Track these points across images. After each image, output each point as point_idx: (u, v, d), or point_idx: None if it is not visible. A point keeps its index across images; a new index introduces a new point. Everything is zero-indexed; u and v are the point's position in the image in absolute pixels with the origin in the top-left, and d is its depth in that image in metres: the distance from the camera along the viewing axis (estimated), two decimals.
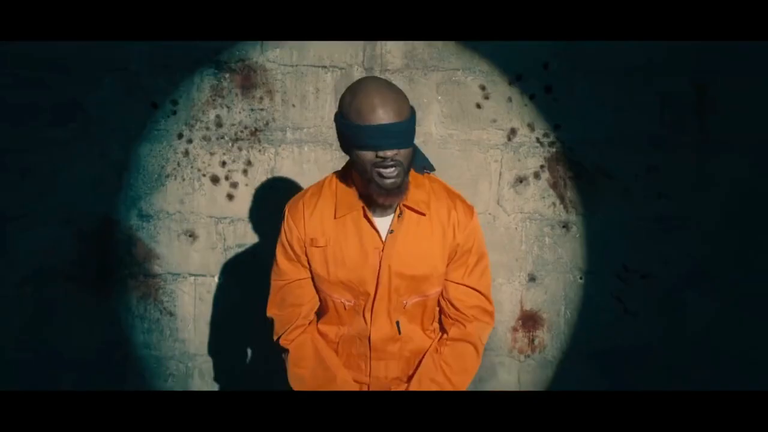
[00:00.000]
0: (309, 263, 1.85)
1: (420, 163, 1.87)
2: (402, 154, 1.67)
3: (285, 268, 1.88)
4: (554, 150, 2.84)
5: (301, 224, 1.82)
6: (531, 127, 2.85)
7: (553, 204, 2.89)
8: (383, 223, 1.82)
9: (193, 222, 2.88)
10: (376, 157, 1.65)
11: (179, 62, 2.77)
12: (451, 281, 1.90)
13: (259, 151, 2.85)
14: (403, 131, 1.65)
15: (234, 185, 2.87)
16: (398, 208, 1.80)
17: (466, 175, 2.85)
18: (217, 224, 2.88)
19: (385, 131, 1.62)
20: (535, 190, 2.87)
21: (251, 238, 2.91)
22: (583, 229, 2.87)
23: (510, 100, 2.82)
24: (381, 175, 1.67)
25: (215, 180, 2.86)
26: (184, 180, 2.86)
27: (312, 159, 2.84)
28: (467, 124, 2.83)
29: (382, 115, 1.62)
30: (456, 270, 1.89)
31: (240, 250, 2.90)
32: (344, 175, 1.85)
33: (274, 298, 1.91)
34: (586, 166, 2.83)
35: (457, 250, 1.86)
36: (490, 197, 2.87)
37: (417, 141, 2.36)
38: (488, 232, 2.82)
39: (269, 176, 2.87)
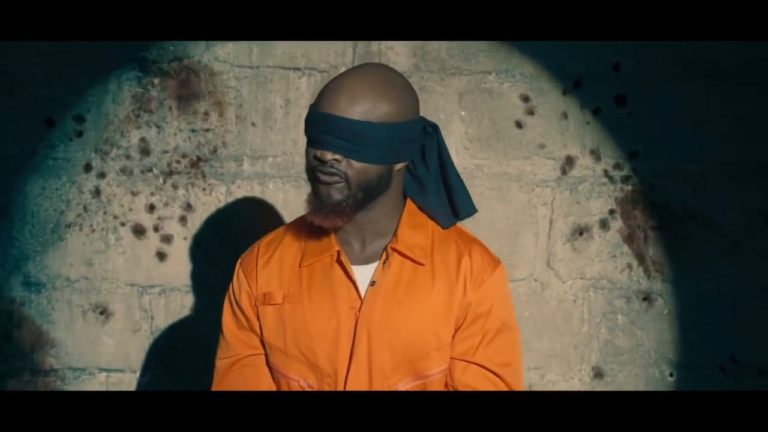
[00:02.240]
0: (261, 329, 1.76)
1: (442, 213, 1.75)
2: (351, 166, 1.57)
3: (233, 339, 1.74)
4: (629, 187, 2.63)
5: (253, 276, 1.73)
6: (595, 154, 2.63)
7: (629, 266, 2.65)
8: (364, 272, 1.69)
9: (105, 293, 2.64)
10: (314, 158, 1.60)
11: (87, 61, 2.57)
12: (457, 358, 1.72)
13: (204, 189, 2.61)
14: (356, 134, 1.54)
15: (167, 239, 2.63)
16: (384, 252, 1.68)
17: (502, 223, 2.62)
18: (141, 296, 2.66)
19: (329, 124, 1.54)
20: (602, 246, 2.65)
21: (191, 315, 2.65)
22: (673, 302, 2.65)
23: (565, 116, 2.60)
24: (318, 180, 1.61)
25: (139, 231, 2.63)
26: (93, 231, 2.62)
27: (279, 200, 2.61)
28: (503, 151, 2.62)
29: (341, 103, 1.54)
30: (464, 341, 1.70)
31: (175, 332, 2.66)
32: None
33: (218, 388, 1.77)
34: (676, 210, 2.62)
35: (468, 312, 1.70)
36: (536, 256, 2.66)
37: None
38: (534, 305, 2.68)
39: (218, 226, 2.64)
